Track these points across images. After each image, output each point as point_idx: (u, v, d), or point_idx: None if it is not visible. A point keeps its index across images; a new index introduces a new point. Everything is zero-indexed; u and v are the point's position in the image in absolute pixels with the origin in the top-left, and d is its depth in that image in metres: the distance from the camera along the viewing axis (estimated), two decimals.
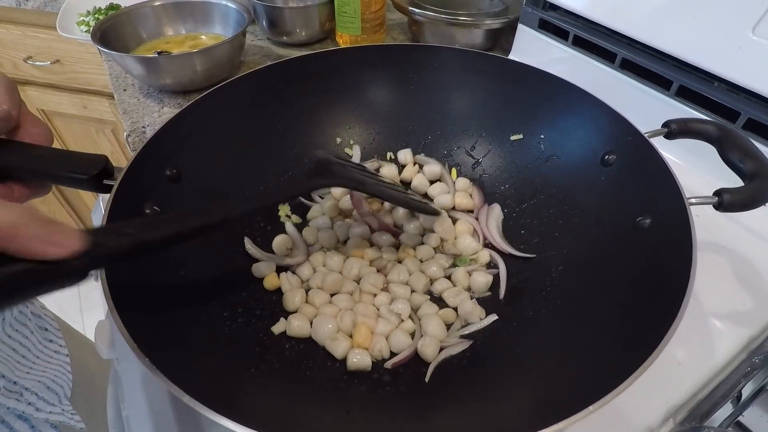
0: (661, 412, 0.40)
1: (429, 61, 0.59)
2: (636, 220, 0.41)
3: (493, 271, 0.49)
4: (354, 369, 0.41)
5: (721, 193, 0.39)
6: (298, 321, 0.44)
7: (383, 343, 0.43)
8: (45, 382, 0.58)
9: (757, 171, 0.40)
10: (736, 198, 0.38)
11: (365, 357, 0.42)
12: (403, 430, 0.36)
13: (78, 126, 1.39)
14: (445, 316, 0.46)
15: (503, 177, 0.57)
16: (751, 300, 0.48)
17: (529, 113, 0.55)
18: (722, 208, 0.39)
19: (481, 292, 0.48)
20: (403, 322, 0.45)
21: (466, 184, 0.57)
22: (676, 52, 0.57)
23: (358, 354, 0.42)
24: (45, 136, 0.39)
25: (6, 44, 1.28)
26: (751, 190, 0.39)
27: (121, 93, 0.77)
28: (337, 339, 0.43)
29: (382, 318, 0.45)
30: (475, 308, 0.46)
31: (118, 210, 0.39)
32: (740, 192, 0.39)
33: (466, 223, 0.53)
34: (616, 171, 0.46)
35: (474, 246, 0.51)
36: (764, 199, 0.39)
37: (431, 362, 0.42)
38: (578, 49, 0.70)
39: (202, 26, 0.84)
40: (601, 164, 0.48)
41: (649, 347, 0.29)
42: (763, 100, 0.52)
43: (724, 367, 0.44)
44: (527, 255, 0.50)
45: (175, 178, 0.47)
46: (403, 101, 0.60)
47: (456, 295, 0.47)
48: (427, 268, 0.49)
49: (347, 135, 0.61)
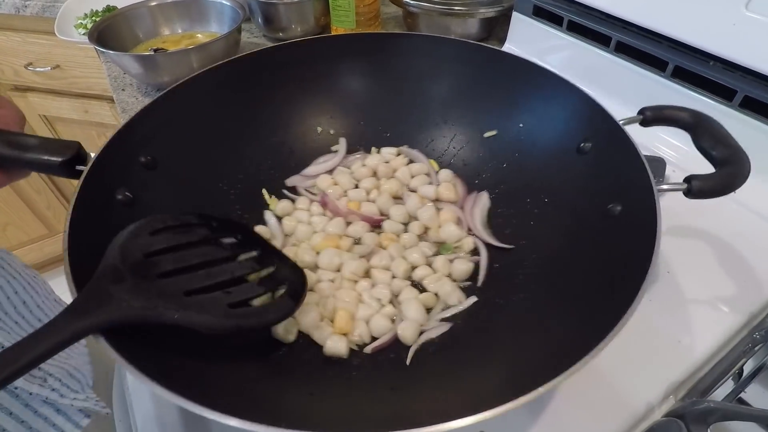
0: (662, 390, 0.40)
1: (409, 50, 0.58)
2: (607, 207, 0.41)
3: (474, 259, 0.49)
4: (330, 354, 0.41)
5: (690, 180, 0.38)
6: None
7: (363, 327, 0.43)
8: (68, 369, 0.57)
9: (728, 158, 0.39)
10: (705, 185, 0.38)
11: (342, 343, 0.41)
12: (380, 407, 0.36)
13: (80, 130, 1.41)
14: (426, 300, 0.46)
15: (483, 166, 0.57)
16: (751, 278, 0.48)
17: (508, 101, 0.55)
18: (691, 195, 0.38)
19: (462, 279, 0.48)
20: (383, 307, 0.45)
21: (448, 176, 0.57)
22: (670, 33, 0.57)
23: (335, 340, 0.41)
24: (14, 117, 0.40)
25: (6, 51, 1.29)
26: (721, 177, 0.39)
27: (119, 93, 0.78)
28: (320, 327, 0.42)
29: (363, 303, 0.45)
30: (454, 291, 0.46)
31: (87, 195, 0.38)
32: (710, 179, 0.38)
33: (450, 211, 0.53)
34: (591, 159, 0.46)
35: (458, 233, 0.50)
36: (733, 186, 0.38)
37: (411, 346, 0.42)
38: (573, 34, 0.70)
39: (198, 25, 0.85)
40: (577, 152, 0.47)
41: (610, 325, 0.29)
42: (759, 77, 0.51)
43: (724, 344, 0.43)
44: (506, 246, 0.50)
45: (151, 165, 0.46)
46: (383, 90, 0.60)
47: (436, 281, 0.46)
48: (409, 254, 0.49)
49: (328, 124, 0.61)
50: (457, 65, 0.58)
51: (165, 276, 0.35)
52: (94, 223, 0.38)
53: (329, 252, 0.48)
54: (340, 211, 0.53)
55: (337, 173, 0.57)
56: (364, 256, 0.49)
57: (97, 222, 0.38)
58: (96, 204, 0.39)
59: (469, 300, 0.45)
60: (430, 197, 0.55)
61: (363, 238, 0.50)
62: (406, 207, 0.53)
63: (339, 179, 0.56)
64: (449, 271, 0.48)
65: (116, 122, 1.34)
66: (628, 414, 0.38)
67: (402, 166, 0.57)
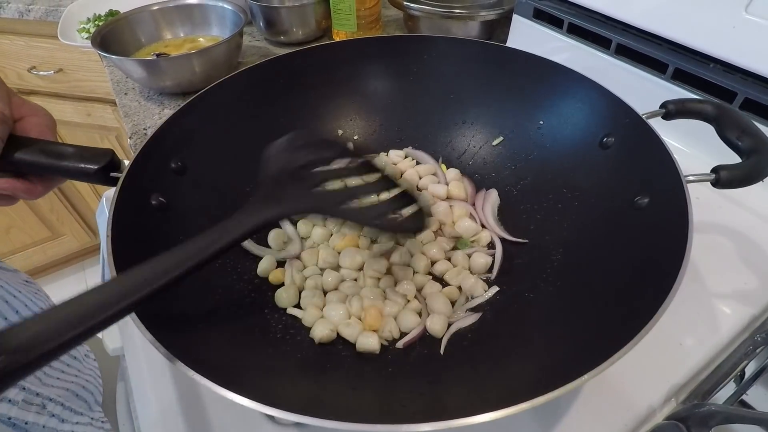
0: (663, 392, 0.40)
1: (427, 52, 0.59)
2: (634, 200, 0.42)
3: (491, 252, 0.50)
4: (362, 351, 0.42)
5: (719, 170, 0.39)
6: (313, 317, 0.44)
7: (393, 323, 0.44)
8: (74, 390, 0.57)
9: (755, 147, 0.40)
10: (733, 174, 0.38)
11: (373, 339, 0.42)
12: (419, 400, 0.36)
13: (83, 133, 1.41)
14: (449, 293, 0.47)
15: (503, 163, 0.58)
16: (754, 280, 0.48)
17: (527, 99, 0.55)
18: (719, 184, 0.39)
19: (481, 272, 0.49)
20: (409, 303, 0.46)
21: (457, 175, 0.57)
22: (670, 35, 0.57)
23: (367, 336, 0.42)
24: (47, 124, 0.41)
25: (10, 55, 1.30)
26: (748, 166, 0.39)
27: (122, 97, 0.79)
28: (350, 324, 0.43)
29: (389, 300, 0.46)
30: (477, 282, 0.47)
31: (126, 200, 0.40)
32: (737, 168, 0.39)
33: (463, 207, 0.54)
34: (614, 153, 0.47)
35: (474, 227, 0.51)
36: (761, 175, 0.39)
37: (442, 337, 0.43)
38: (573, 36, 0.70)
39: (200, 29, 0.85)
40: (600, 147, 0.48)
41: (645, 318, 0.29)
42: (759, 79, 0.51)
43: (726, 346, 0.44)
44: (520, 240, 0.51)
45: (181, 170, 0.48)
46: (403, 92, 0.61)
47: (457, 275, 0.47)
48: (427, 250, 0.49)
49: (349, 127, 0.62)
50: (475, 65, 0.59)
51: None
52: (132, 228, 0.39)
53: (350, 251, 0.49)
54: None
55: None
56: (384, 253, 0.50)
57: (135, 226, 0.40)
58: (133, 209, 0.41)
59: (492, 289, 0.47)
60: (441, 196, 0.55)
61: (380, 236, 0.51)
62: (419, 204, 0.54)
63: (349, 182, 0.57)
64: (468, 265, 0.49)
65: (119, 125, 1.35)
66: (630, 417, 0.38)
67: (409, 168, 0.58)
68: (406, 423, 0.26)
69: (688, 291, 0.47)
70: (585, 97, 0.50)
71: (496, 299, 0.46)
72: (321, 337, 0.42)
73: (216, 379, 0.28)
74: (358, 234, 0.51)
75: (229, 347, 0.39)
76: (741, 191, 0.54)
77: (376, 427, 0.26)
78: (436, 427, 0.26)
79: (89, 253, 1.89)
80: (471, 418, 0.26)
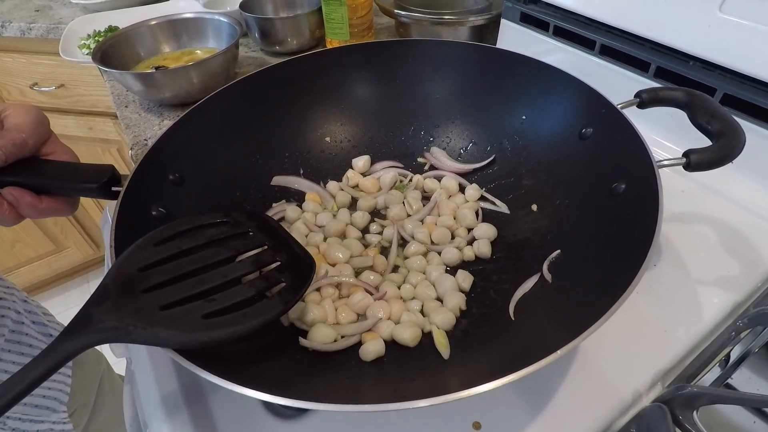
0: (649, 377, 0.41)
1: (410, 55, 0.61)
2: (611, 186, 0.44)
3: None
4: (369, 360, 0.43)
5: (689, 154, 0.41)
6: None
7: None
8: (33, 402, 0.59)
9: (723, 131, 0.42)
10: (703, 157, 0.40)
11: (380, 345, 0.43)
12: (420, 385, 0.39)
13: (85, 147, 1.44)
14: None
15: (487, 159, 0.60)
16: (737, 267, 0.49)
17: (509, 96, 0.58)
18: (691, 168, 0.41)
19: (469, 225, 0.54)
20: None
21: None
22: (651, 35, 0.59)
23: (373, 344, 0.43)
24: (67, 155, 0.44)
25: (13, 72, 1.33)
26: (717, 149, 0.41)
27: (123, 110, 0.81)
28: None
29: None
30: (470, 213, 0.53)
31: (127, 213, 0.42)
32: (707, 151, 0.41)
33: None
34: (592, 143, 0.49)
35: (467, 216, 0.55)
36: (730, 156, 0.41)
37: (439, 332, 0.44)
38: (560, 39, 0.72)
39: (197, 41, 0.88)
40: (580, 138, 0.50)
41: (621, 288, 0.32)
42: (736, 75, 0.53)
43: (710, 332, 0.45)
44: (500, 204, 0.55)
45: (179, 182, 0.50)
46: (389, 96, 0.63)
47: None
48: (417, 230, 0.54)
49: (339, 132, 0.64)
50: (458, 66, 0.61)
51: (149, 290, 0.34)
52: (135, 238, 0.39)
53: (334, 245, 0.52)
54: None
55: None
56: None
57: (137, 237, 0.40)
58: (134, 221, 0.42)
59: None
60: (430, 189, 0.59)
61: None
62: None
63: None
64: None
65: (120, 138, 1.37)
66: (616, 402, 0.40)
67: (369, 184, 0.60)
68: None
69: (672, 280, 0.49)
70: (563, 90, 0.52)
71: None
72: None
73: (227, 376, 0.30)
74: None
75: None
76: (723, 182, 0.56)
77: (377, 407, 0.28)
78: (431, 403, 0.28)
79: (93, 265, 1.91)
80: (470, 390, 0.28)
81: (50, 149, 0.43)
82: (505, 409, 0.40)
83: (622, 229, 0.40)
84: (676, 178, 0.59)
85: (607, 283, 0.34)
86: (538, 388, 0.41)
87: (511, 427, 0.39)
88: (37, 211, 0.42)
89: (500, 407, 0.40)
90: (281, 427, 0.40)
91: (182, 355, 0.31)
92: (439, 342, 0.42)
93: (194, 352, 0.33)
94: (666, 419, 0.35)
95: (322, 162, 0.62)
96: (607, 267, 0.38)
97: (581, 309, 0.35)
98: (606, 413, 0.39)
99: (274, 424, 0.40)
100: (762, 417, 0.41)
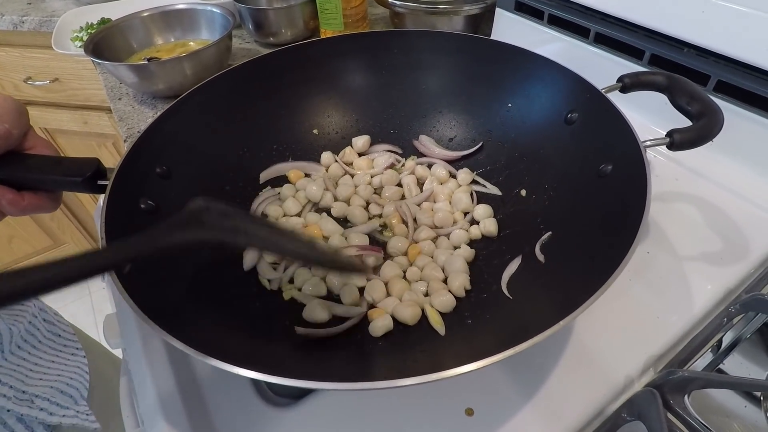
0: (641, 363, 0.41)
1: (397, 46, 0.61)
2: (599, 168, 0.44)
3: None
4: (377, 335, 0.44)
5: (672, 134, 0.41)
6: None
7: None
8: (59, 387, 0.60)
9: (703, 111, 0.43)
10: (685, 137, 0.41)
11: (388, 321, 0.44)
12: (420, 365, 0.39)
13: (80, 141, 1.43)
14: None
15: (475, 146, 0.60)
16: (728, 253, 0.49)
17: (495, 84, 0.58)
18: (674, 147, 0.41)
19: (465, 210, 0.55)
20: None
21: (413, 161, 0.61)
22: (645, 22, 0.59)
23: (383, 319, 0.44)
24: (47, 148, 0.42)
25: (6, 66, 1.32)
26: (699, 128, 0.42)
27: (116, 102, 0.80)
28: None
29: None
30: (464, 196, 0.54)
31: (115, 206, 0.41)
32: (689, 131, 0.42)
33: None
34: (578, 127, 0.49)
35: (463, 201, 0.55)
36: (710, 135, 0.42)
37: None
38: (554, 27, 0.72)
39: (190, 33, 0.87)
40: (565, 123, 0.51)
41: (615, 263, 0.32)
42: (730, 61, 0.53)
43: (702, 318, 0.45)
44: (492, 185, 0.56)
45: (166, 174, 0.49)
46: (376, 87, 0.63)
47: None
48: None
49: (326, 124, 0.63)
50: (443, 56, 0.61)
51: None
52: (124, 231, 0.40)
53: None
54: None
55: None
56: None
57: (127, 229, 0.40)
58: (123, 214, 0.42)
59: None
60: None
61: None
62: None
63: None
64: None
65: (115, 132, 1.36)
66: (608, 387, 0.40)
67: (363, 164, 0.61)
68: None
69: (665, 267, 0.49)
70: (548, 77, 0.53)
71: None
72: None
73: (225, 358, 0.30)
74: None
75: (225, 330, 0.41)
76: (711, 167, 0.57)
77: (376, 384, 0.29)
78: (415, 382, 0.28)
79: None
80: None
81: (30, 143, 0.41)
82: (498, 394, 0.40)
83: (612, 208, 0.41)
84: (670, 166, 0.59)
85: (600, 261, 0.35)
86: (531, 373, 0.41)
87: (503, 413, 0.39)
88: (18, 208, 0.40)
89: (492, 393, 0.40)
90: (275, 414, 0.40)
91: (189, 344, 0.31)
92: (434, 320, 0.43)
93: (195, 337, 0.32)
94: (657, 403, 0.35)
95: (309, 154, 0.62)
96: (599, 245, 0.39)
97: (575, 287, 0.35)
98: (598, 398, 0.39)
99: (268, 413, 0.40)
100: (753, 401, 0.42)
